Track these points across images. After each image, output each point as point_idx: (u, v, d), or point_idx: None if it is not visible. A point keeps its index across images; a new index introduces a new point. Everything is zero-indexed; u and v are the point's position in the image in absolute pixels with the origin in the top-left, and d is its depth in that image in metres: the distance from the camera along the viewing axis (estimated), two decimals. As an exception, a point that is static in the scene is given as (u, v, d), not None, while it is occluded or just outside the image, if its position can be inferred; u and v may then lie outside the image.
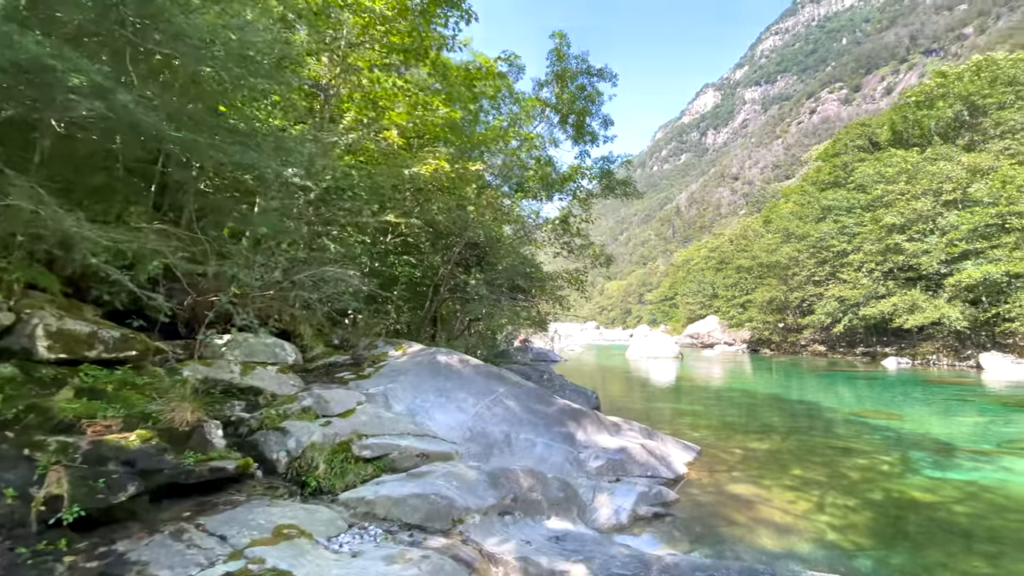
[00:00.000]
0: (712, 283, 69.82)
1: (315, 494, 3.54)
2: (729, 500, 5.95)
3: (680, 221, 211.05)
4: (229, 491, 3.26)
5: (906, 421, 11.26)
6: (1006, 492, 6.32)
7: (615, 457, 6.04)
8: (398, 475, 3.54)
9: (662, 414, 12.84)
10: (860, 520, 5.44)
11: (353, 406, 4.26)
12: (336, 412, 4.15)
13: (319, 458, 3.63)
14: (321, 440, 3.77)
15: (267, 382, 4.66)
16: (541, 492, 3.71)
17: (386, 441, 3.80)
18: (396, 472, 3.67)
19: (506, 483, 3.52)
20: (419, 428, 4.23)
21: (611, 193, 14.81)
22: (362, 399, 4.50)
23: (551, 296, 10.49)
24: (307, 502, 3.35)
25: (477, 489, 3.35)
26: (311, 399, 4.26)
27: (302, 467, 3.66)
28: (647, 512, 5.23)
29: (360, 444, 3.76)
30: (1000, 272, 23.34)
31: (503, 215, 9.46)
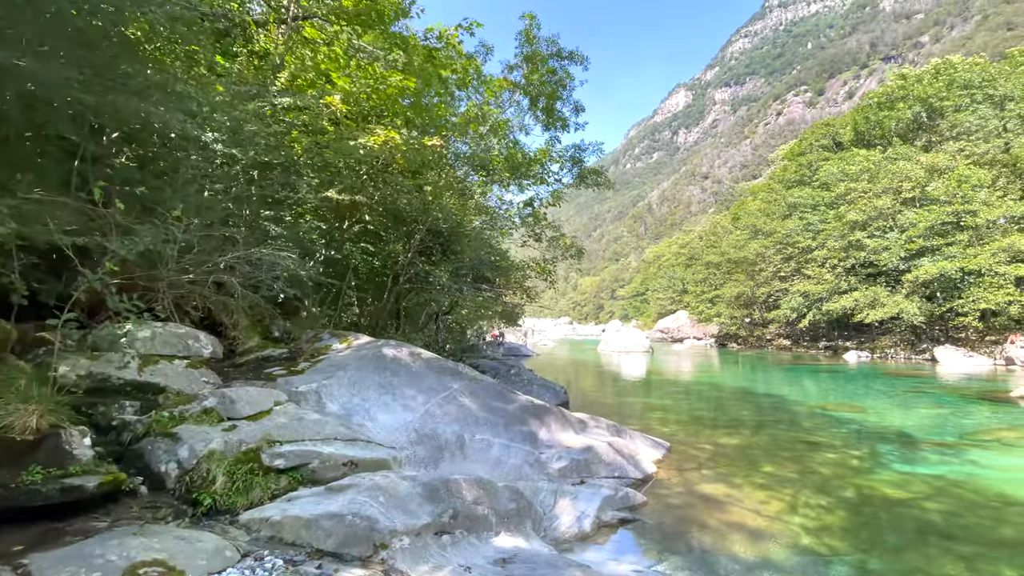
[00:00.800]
0: (682, 279, 70.97)
1: (210, 514, 2.89)
2: (700, 501, 5.57)
3: (652, 218, 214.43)
4: (93, 515, 2.60)
5: (870, 414, 11.28)
6: (975, 487, 6.17)
7: (580, 457, 5.57)
8: (316, 489, 2.95)
9: (632, 409, 12.54)
10: (834, 521, 5.14)
11: (269, 406, 3.61)
12: (245, 414, 3.49)
13: (217, 470, 2.98)
14: (222, 448, 3.11)
15: (172, 379, 3.93)
16: (489, 504, 3.19)
17: (305, 448, 3.18)
18: (318, 484, 3.07)
19: (446, 496, 2.98)
20: (352, 431, 3.63)
21: (583, 183, 14.38)
22: (283, 398, 3.85)
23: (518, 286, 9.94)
24: (197, 525, 2.71)
25: (409, 504, 2.80)
26: (215, 399, 3.56)
27: (194, 481, 2.99)
28: (613, 518, 4.77)
29: (272, 452, 3.12)
30: (954, 268, 24.16)
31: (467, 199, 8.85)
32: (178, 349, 4.32)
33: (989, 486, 6.17)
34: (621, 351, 36.73)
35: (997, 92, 28.54)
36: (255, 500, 2.96)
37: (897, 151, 30.60)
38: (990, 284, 23.28)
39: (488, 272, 9.33)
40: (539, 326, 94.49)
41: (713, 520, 5.02)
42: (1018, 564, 4.33)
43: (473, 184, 9.79)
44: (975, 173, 25.32)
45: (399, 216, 10.18)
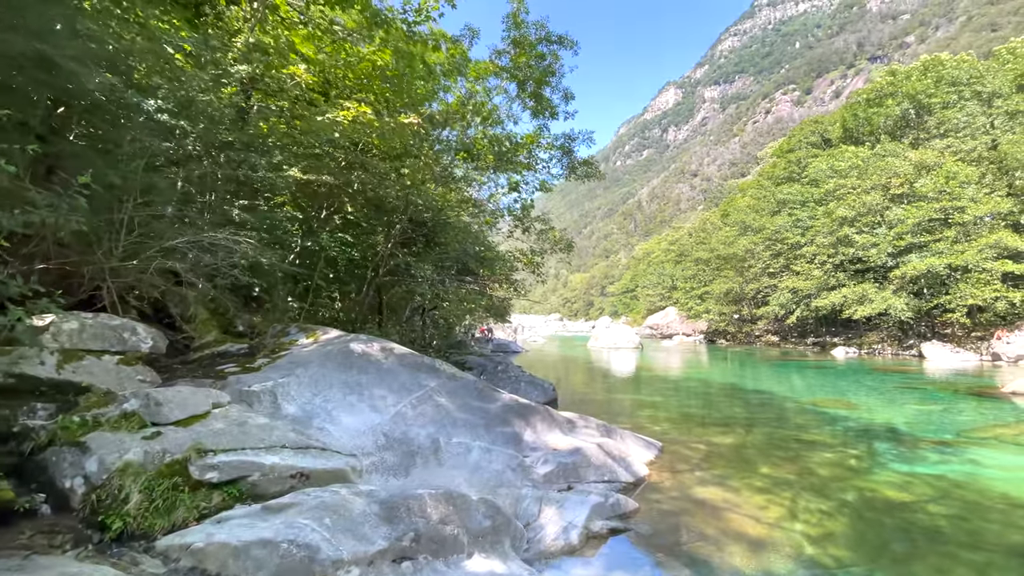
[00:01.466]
0: (671, 275, 71.08)
1: (122, 540, 2.40)
2: (695, 507, 5.20)
3: (641, 215, 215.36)
4: (-31, 543, 2.13)
5: (863, 410, 11.05)
6: (979, 488, 5.88)
7: (567, 460, 5.15)
8: (252, 508, 2.49)
9: (622, 406, 12.19)
10: (837, 528, 4.79)
11: (205, 409, 3.12)
12: (174, 419, 2.99)
13: (133, 486, 2.49)
14: (140, 459, 2.62)
15: (100, 377, 3.42)
16: (459, 523, 2.76)
17: (245, 458, 2.71)
18: (261, 500, 2.61)
19: (407, 515, 2.54)
20: (306, 437, 3.17)
21: (574, 174, 13.95)
22: (224, 399, 3.36)
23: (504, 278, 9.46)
24: (102, 555, 2.24)
25: (361, 527, 2.36)
26: (137, 400, 3.04)
27: (103, 500, 2.49)
28: (603, 528, 4.37)
29: (203, 463, 2.64)
30: (942, 264, 24.22)
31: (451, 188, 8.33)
32: (110, 343, 3.79)
33: (993, 487, 5.88)
34: (611, 347, 36.57)
35: (985, 89, 28.66)
36: (178, 522, 2.47)
37: (886, 147, 30.64)
38: (978, 280, 23.36)
39: (473, 264, 8.84)
40: (529, 323, 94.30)
41: (711, 528, 4.64)
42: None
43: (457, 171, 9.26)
44: (963, 170, 25.38)
45: (381, 206, 9.67)
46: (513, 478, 4.62)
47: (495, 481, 4.45)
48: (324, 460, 3.05)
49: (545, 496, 4.61)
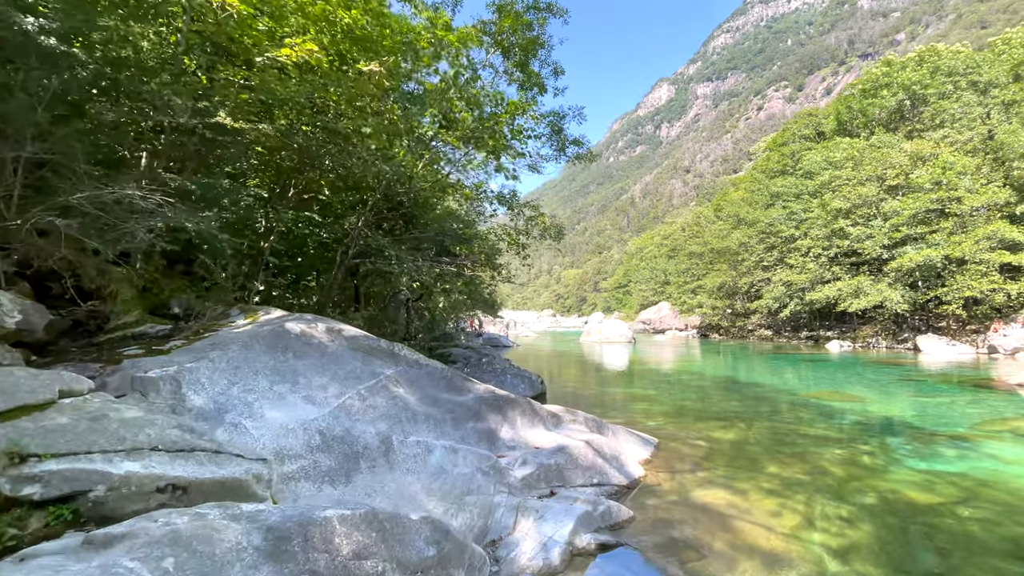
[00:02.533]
0: (664, 270, 70.74)
1: None
2: (699, 514, 4.52)
3: (635, 211, 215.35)
4: None
5: (868, 403, 10.49)
6: (1008, 488, 5.27)
7: (550, 461, 4.45)
8: (69, 541, 1.73)
9: (614, 400, 11.54)
10: (860, 538, 4.14)
11: (47, 398, 2.33)
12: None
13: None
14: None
15: (-58, 361, 2.72)
16: (386, 555, 2.02)
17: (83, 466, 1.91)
18: (110, 523, 1.88)
19: (302, 549, 1.81)
20: (194, 437, 2.39)
21: (564, 154, 13.21)
22: (84, 387, 2.60)
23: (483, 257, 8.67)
24: None
25: (229, 570, 1.64)
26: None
27: None
28: (590, 543, 3.67)
29: (18, 473, 1.87)
30: (939, 256, 23.82)
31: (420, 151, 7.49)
32: (-30, 319, 3.07)
33: (1022, 486, 5.28)
34: (603, 342, 36.06)
35: (981, 79, 28.29)
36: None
37: (881, 139, 30.22)
38: (975, 272, 22.98)
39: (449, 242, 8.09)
40: (521, 318, 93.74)
41: (718, 541, 3.96)
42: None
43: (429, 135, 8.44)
44: (959, 160, 24.98)
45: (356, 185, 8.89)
46: (484, 483, 3.91)
47: (461, 487, 3.73)
48: (214, 467, 2.30)
49: (522, 505, 3.91)
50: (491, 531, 3.79)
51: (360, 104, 6.00)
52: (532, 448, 4.76)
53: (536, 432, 5.08)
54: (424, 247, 8.37)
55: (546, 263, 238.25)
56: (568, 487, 4.39)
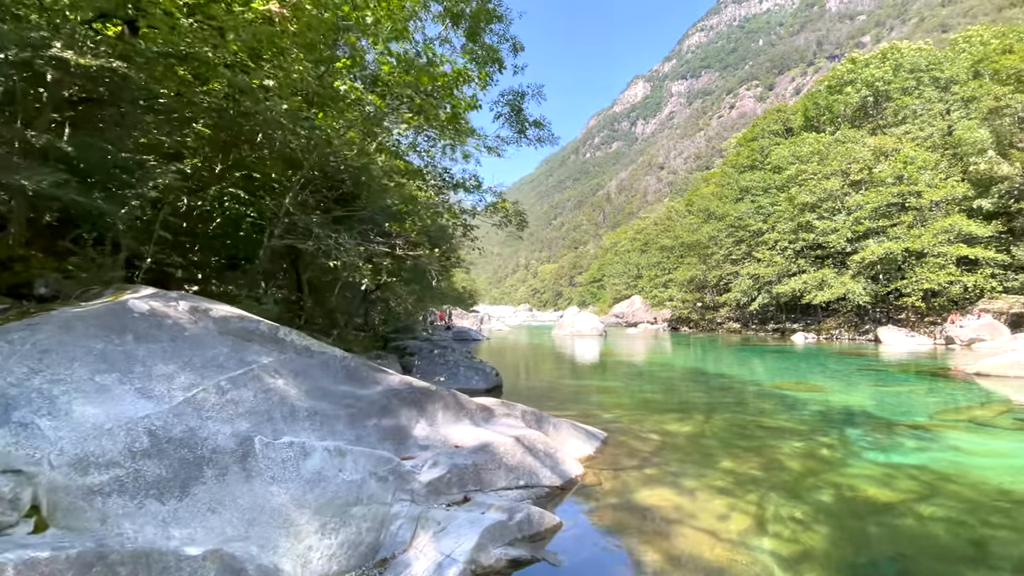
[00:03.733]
0: (637, 264, 71.22)
1: None
2: (638, 520, 3.97)
3: (610, 207, 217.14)
4: None
5: (829, 393, 10.26)
6: (970, 481, 4.91)
7: (466, 462, 3.82)
8: None
9: (574, 392, 11.03)
10: (816, 543, 3.65)
11: None
12: None
13: None
14: None
15: None
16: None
17: None
18: None
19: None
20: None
21: (523, 136, 12.58)
22: None
23: (421, 237, 7.88)
24: None
25: None
26: None
27: None
28: (499, 559, 3.06)
29: None
30: (899, 249, 24.23)
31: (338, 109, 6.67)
32: None
33: (985, 479, 4.93)
34: (575, 335, 35.79)
35: (942, 75, 28.90)
36: None
37: (845, 134, 30.65)
38: (933, 264, 23.44)
39: (381, 219, 7.32)
40: (498, 312, 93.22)
41: (654, 552, 3.41)
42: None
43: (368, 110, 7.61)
44: (920, 155, 25.45)
45: (292, 159, 8.04)
46: (379, 491, 3.25)
47: (347, 497, 3.07)
48: None
49: (424, 514, 3.27)
50: (384, 548, 3.15)
51: (268, 57, 5.20)
52: (450, 447, 4.12)
53: (460, 428, 4.45)
54: (365, 227, 7.59)
55: (523, 258, 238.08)
56: (487, 491, 3.78)
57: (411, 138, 10.65)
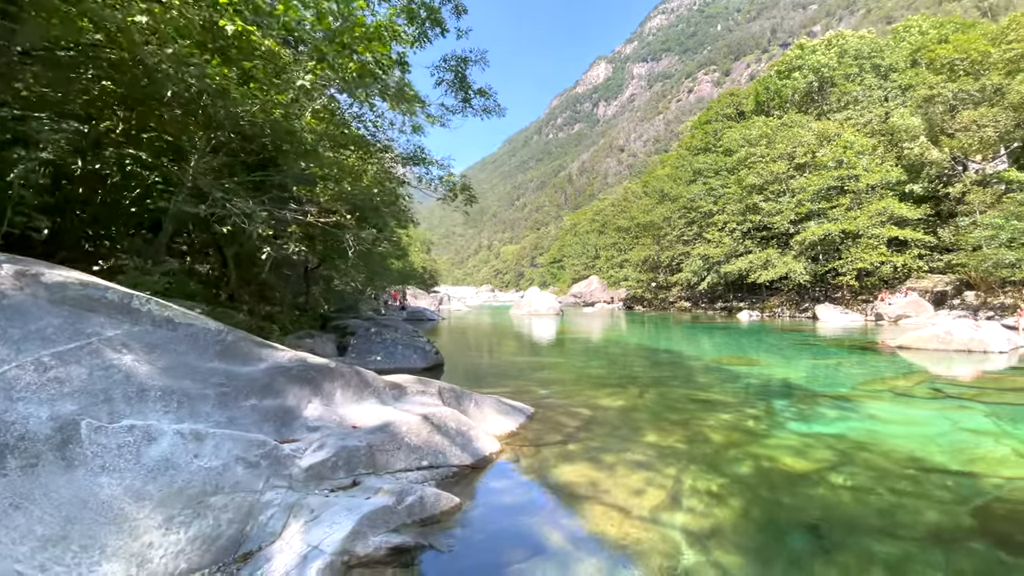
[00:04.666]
0: (595, 245, 72.00)
1: None
2: (548, 498, 3.75)
3: (572, 188, 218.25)
4: None
5: (764, 367, 10.51)
6: (882, 450, 4.99)
7: (360, 443, 3.45)
8: None
9: (517, 369, 10.82)
10: (727, 518, 3.54)
11: None
12: None
13: None
14: None
15: None
16: None
17: None
18: None
19: None
20: None
21: (468, 106, 11.99)
22: None
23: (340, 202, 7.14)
24: None
25: None
26: None
27: None
28: (380, 547, 2.73)
29: None
30: (837, 230, 25.33)
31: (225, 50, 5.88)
32: None
33: (897, 448, 5.02)
34: (532, 314, 35.80)
35: (883, 63, 30.07)
36: None
37: (792, 118, 31.55)
38: (867, 245, 24.67)
39: (291, 182, 6.64)
40: (460, 293, 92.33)
41: (559, 533, 3.17)
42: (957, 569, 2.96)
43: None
44: (859, 140, 26.52)
45: (208, 121, 7.17)
46: (247, 478, 2.84)
47: (205, 485, 2.65)
48: None
49: (299, 502, 2.89)
50: (250, 540, 2.75)
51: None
52: (347, 428, 3.74)
53: (362, 408, 4.06)
54: (281, 195, 6.90)
55: (486, 239, 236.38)
56: (382, 473, 3.43)
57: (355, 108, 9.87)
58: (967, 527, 3.33)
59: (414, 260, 65.65)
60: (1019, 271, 19.29)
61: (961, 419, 6.03)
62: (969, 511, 3.54)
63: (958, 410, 6.47)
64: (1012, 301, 20.12)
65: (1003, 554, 3.01)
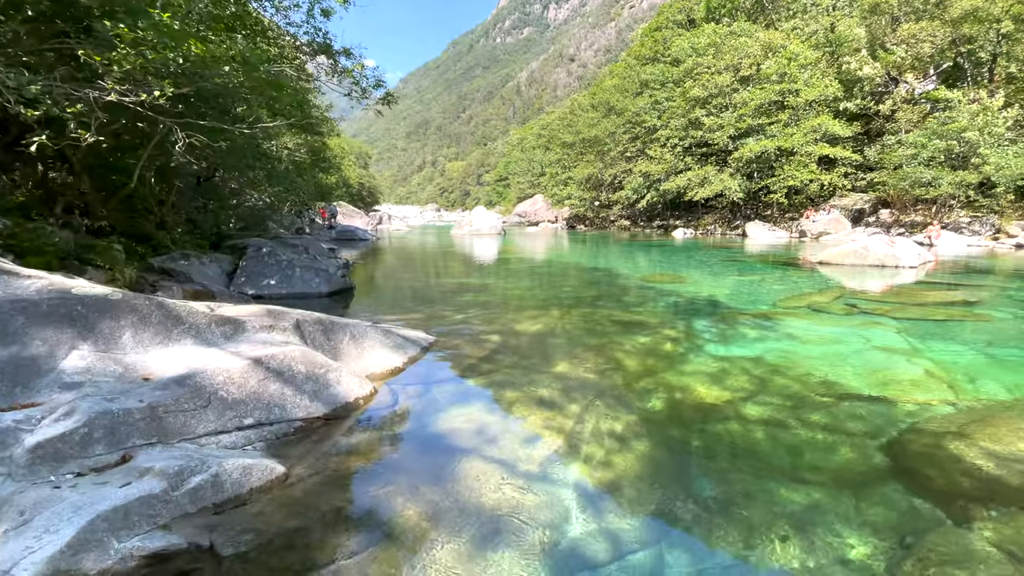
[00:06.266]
0: (540, 162, 69.80)
1: None
2: (415, 454, 3.04)
3: (520, 101, 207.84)
4: None
5: (690, 284, 10.32)
6: (797, 373, 4.70)
7: (140, 403, 2.50)
8: None
9: (436, 292, 9.98)
10: (628, 467, 3.01)
11: None
12: None
13: None
14: None
15: None
16: None
17: None
18: None
19: None
20: None
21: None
22: None
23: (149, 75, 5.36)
24: None
25: None
26: None
27: None
28: (128, 556, 1.90)
29: None
30: (773, 147, 25.33)
31: None
32: None
33: (812, 371, 4.73)
34: (474, 234, 34.62)
35: (834, -33, 28.67)
36: None
37: (740, 26, 30.10)
38: (799, 163, 24.95)
39: (89, 47, 4.91)
40: (403, 212, 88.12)
41: (415, 506, 2.47)
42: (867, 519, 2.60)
43: None
44: (803, 52, 25.78)
45: None
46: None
47: None
48: None
49: (15, 496, 1.95)
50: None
51: None
52: (138, 379, 2.74)
53: (170, 352, 3.05)
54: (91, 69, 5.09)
55: (430, 154, 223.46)
56: (175, 441, 2.53)
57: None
58: (879, 466, 2.99)
59: (349, 175, 60.71)
60: (933, 189, 20.25)
61: (874, 336, 5.92)
62: (881, 446, 3.21)
63: (871, 326, 6.40)
64: (922, 219, 21.36)
65: (915, 499, 2.66)
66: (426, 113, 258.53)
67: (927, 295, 8.65)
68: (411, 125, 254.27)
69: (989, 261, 14.32)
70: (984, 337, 5.90)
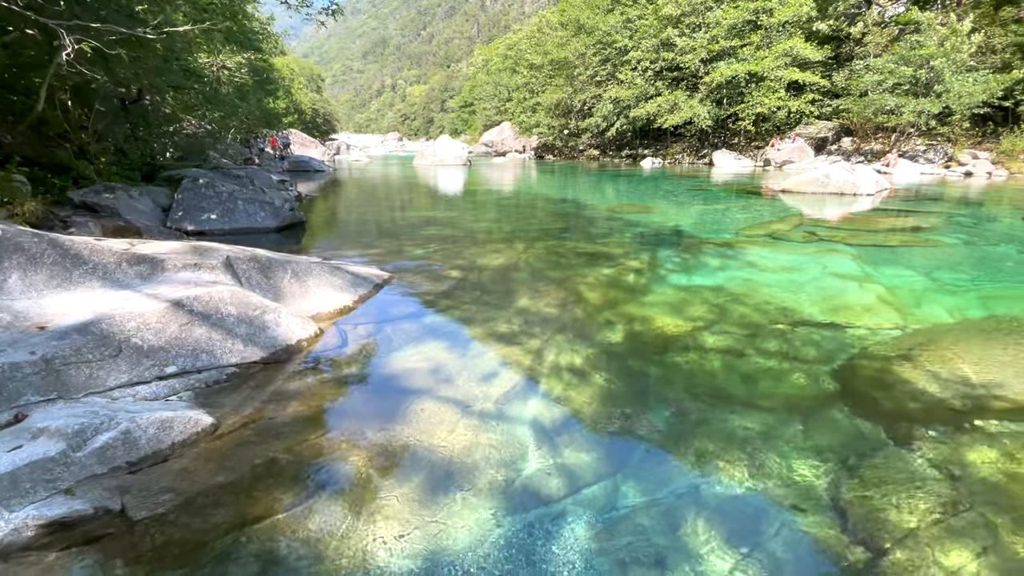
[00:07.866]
0: (507, 86, 65.91)
1: None
2: (362, 398, 2.87)
3: (485, 17, 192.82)
4: None
5: (655, 214, 10.21)
6: (755, 302, 4.70)
7: (31, 356, 2.20)
8: None
9: (395, 227, 9.51)
10: (587, 401, 2.95)
11: None
12: None
13: None
14: None
15: None
16: None
17: None
18: None
19: None
20: None
21: None
22: None
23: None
24: None
25: None
26: None
27: None
28: (21, 527, 1.67)
29: None
30: (744, 71, 24.57)
31: None
32: None
33: (770, 299, 4.75)
34: (437, 164, 33.08)
35: None
36: None
37: (721, -66, 27.89)
38: (768, 88, 24.42)
39: None
40: (363, 142, 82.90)
41: (360, 451, 2.33)
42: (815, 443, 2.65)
43: None
44: (783, -35, 24.34)
45: None
46: None
47: None
48: None
49: None
50: None
51: None
52: (31, 329, 2.39)
53: (71, 296, 2.67)
54: None
55: (389, 77, 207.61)
56: (80, 395, 2.25)
57: None
58: (828, 391, 3.03)
59: (300, 99, 55.81)
60: (895, 117, 20.33)
61: (830, 263, 6.00)
62: (831, 372, 3.25)
63: (828, 253, 6.48)
64: (881, 147, 21.63)
65: (860, 422, 2.71)
66: (383, 31, 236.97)
67: (881, 222, 8.84)
68: (368, 44, 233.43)
69: (940, 189, 14.77)
70: (932, 262, 6.08)
